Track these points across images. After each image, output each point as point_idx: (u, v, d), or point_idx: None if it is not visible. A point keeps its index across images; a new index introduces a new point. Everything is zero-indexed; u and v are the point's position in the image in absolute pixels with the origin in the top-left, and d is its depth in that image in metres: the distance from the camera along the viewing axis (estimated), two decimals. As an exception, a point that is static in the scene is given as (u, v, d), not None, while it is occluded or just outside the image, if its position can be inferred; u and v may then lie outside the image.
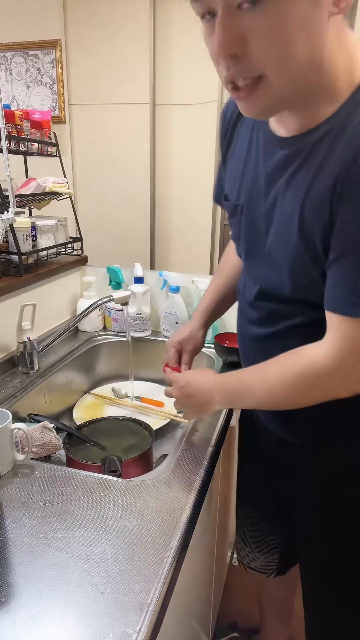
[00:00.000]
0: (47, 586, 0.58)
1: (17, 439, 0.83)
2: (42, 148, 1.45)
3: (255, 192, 0.74)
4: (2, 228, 1.18)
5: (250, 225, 0.77)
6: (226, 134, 0.81)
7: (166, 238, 2.25)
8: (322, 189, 0.61)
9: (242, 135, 0.77)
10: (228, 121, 0.80)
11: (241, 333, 0.90)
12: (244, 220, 0.78)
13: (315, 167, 0.62)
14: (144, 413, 1.30)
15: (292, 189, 0.66)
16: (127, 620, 0.54)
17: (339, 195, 0.59)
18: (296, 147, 0.65)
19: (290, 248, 0.68)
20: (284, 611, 1.35)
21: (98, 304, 1.32)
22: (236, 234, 0.82)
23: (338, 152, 0.59)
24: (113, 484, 0.79)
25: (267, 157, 0.70)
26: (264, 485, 1.07)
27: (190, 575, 0.86)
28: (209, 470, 0.84)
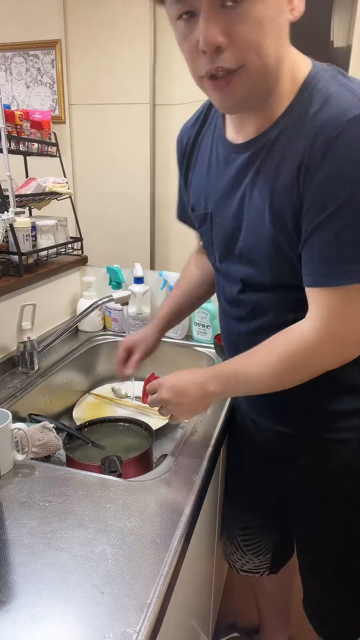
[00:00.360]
0: (47, 586, 0.58)
1: (17, 439, 0.83)
2: (42, 148, 1.45)
3: (221, 197, 0.78)
4: (2, 228, 1.18)
5: (221, 229, 0.81)
6: (184, 157, 0.87)
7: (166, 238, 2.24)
8: (287, 176, 0.66)
9: (202, 153, 0.82)
10: (185, 146, 0.86)
11: (227, 332, 0.91)
12: (214, 227, 0.82)
13: (277, 160, 0.68)
14: (144, 413, 1.30)
15: (259, 185, 0.71)
16: (127, 620, 0.54)
17: (304, 177, 0.64)
18: (255, 148, 0.71)
19: (265, 239, 0.72)
20: (283, 611, 1.35)
21: (98, 304, 1.32)
22: (208, 241, 0.86)
23: (297, 143, 0.65)
24: (113, 484, 0.79)
25: (229, 164, 0.75)
26: (257, 487, 1.06)
27: (190, 575, 0.86)
28: (209, 470, 0.84)
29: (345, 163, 0.60)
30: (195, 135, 0.84)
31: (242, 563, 1.18)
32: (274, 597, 1.32)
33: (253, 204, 0.73)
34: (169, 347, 1.44)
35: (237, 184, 0.74)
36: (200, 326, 1.43)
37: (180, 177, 0.92)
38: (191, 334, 1.47)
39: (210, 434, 0.95)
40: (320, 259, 0.66)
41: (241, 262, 0.79)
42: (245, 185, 0.73)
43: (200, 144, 0.83)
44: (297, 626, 1.42)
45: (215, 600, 1.35)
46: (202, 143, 0.82)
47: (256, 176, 0.71)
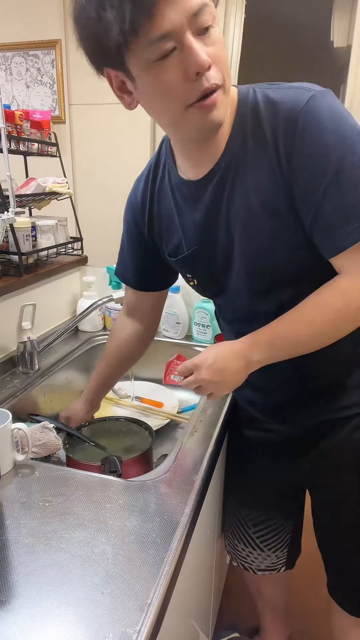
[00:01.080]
0: (47, 586, 0.58)
1: (17, 439, 0.83)
2: (42, 148, 1.45)
3: (203, 230, 0.81)
4: (2, 228, 1.18)
5: (212, 259, 0.83)
6: (144, 217, 0.90)
7: (166, 238, 2.24)
8: (265, 175, 0.71)
9: (164, 204, 0.86)
10: (141, 203, 0.90)
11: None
12: (205, 261, 0.84)
13: (248, 169, 0.72)
14: (144, 413, 1.30)
15: (238, 199, 0.74)
16: (127, 620, 0.54)
17: (286, 165, 0.68)
18: (218, 174, 0.74)
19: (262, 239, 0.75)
20: (281, 612, 1.35)
21: (98, 304, 1.32)
22: (204, 275, 0.87)
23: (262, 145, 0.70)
24: (113, 484, 0.78)
25: (199, 199, 0.78)
26: (268, 479, 1.07)
27: (190, 575, 0.86)
28: (209, 470, 0.84)
29: (322, 127, 0.66)
30: (150, 194, 0.88)
31: (259, 562, 1.18)
32: (273, 598, 1.32)
33: (239, 218, 0.76)
34: (169, 347, 1.44)
35: (214, 211, 0.78)
36: (200, 326, 1.43)
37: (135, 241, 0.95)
38: (191, 334, 1.47)
39: (210, 434, 0.95)
40: (339, 223, 0.68)
41: (246, 277, 0.81)
42: (225, 208, 0.76)
43: (159, 197, 0.86)
44: (297, 626, 1.42)
45: (215, 600, 1.35)
46: (161, 195, 0.86)
47: (231, 195, 0.75)
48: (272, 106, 0.69)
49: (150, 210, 0.89)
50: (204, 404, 1.06)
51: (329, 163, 0.66)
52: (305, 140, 0.66)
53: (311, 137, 0.66)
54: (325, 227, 0.70)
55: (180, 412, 1.30)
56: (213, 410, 1.04)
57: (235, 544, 1.18)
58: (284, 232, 0.73)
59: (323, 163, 0.66)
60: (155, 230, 0.90)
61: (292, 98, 0.68)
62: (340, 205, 0.67)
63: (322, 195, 0.67)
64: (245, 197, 0.74)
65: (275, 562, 1.17)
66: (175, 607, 0.68)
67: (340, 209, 0.67)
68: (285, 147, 0.68)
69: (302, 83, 0.71)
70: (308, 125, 0.66)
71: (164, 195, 0.86)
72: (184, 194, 0.81)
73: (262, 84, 0.74)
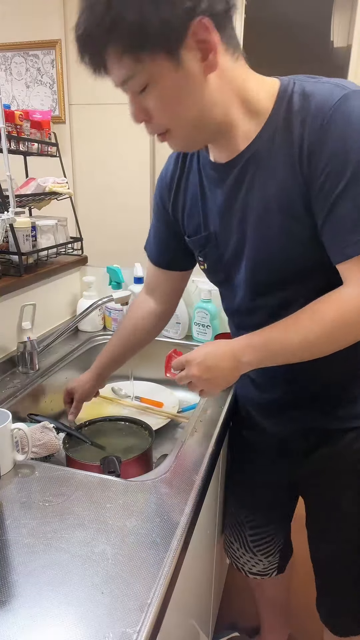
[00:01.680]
0: (47, 586, 0.58)
1: (17, 439, 0.83)
2: (42, 148, 1.45)
3: (221, 214, 0.81)
4: (2, 228, 1.18)
5: (224, 246, 0.84)
6: (170, 194, 0.91)
7: (166, 238, 2.24)
8: (286, 169, 0.70)
9: (191, 184, 0.86)
10: (170, 180, 0.90)
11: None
12: (220, 243, 0.85)
13: (271, 161, 0.72)
14: (144, 413, 1.30)
15: (257, 189, 0.74)
16: (127, 620, 0.54)
17: (307, 162, 0.68)
18: (244, 160, 0.74)
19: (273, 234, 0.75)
20: (281, 611, 1.35)
21: (98, 304, 1.32)
22: (215, 259, 0.88)
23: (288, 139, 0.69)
24: (113, 484, 0.78)
25: (222, 182, 0.79)
26: (268, 483, 1.07)
27: (190, 575, 0.86)
28: (209, 470, 0.84)
29: (349, 129, 0.64)
30: (179, 173, 0.88)
31: (252, 565, 1.18)
32: (273, 598, 1.32)
33: (254, 209, 0.75)
34: (169, 347, 1.44)
35: (234, 197, 0.78)
36: (200, 326, 1.43)
37: (160, 219, 0.96)
38: (191, 334, 1.47)
39: (210, 434, 0.95)
40: (350, 229, 0.67)
41: (250, 268, 0.81)
42: (243, 195, 0.76)
43: (188, 177, 0.87)
44: (297, 626, 1.42)
45: (215, 600, 1.35)
46: (190, 176, 0.86)
47: (251, 184, 0.75)
48: (305, 100, 0.68)
49: (177, 189, 0.89)
50: (204, 403, 1.06)
51: (348, 166, 0.64)
52: (329, 140, 0.65)
53: (335, 137, 0.65)
54: (335, 232, 0.69)
55: (180, 412, 1.30)
56: (213, 410, 1.04)
57: (232, 541, 1.19)
58: (295, 230, 0.73)
59: (342, 165, 0.65)
60: (179, 209, 0.90)
61: (325, 93, 0.66)
62: (353, 211, 0.66)
63: (337, 198, 0.66)
64: (263, 189, 0.73)
65: (267, 567, 1.18)
66: (175, 607, 0.68)
67: (353, 215, 0.66)
68: (309, 144, 0.67)
69: (340, 80, 0.69)
70: (334, 124, 0.65)
71: (191, 175, 0.86)
72: (210, 175, 0.81)
73: (302, 76, 0.73)
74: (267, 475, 1.06)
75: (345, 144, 0.64)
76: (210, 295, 1.39)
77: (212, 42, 0.62)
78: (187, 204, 0.88)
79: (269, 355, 0.77)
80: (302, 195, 0.70)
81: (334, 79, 0.69)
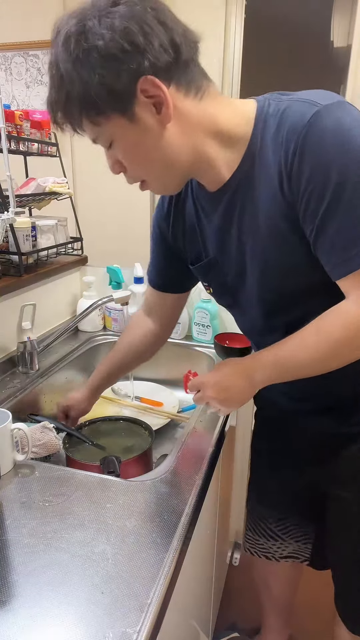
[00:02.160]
0: (47, 586, 0.58)
1: (17, 439, 0.83)
2: (42, 148, 1.45)
3: (218, 239, 0.83)
4: (2, 228, 1.18)
5: (225, 271, 0.85)
6: (167, 218, 0.92)
7: (166, 238, 2.24)
8: (270, 193, 0.70)
9: (187, 213, 0.88)
10: (167, 211, 0.91)
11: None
12: (222, 267, 0.85)
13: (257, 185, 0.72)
14: (144, 413, 1.30)
15: (248, 214, 0.75)
16: (127, 620, 0.54)
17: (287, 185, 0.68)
18: (233, 186, 0.75)
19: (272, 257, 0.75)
20: (285, 610, 1.35)
21: (98, 304, 1.32)
22: (220, 283, 0.89)
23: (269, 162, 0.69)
24: (113, 484, 0.78)
25: (215, 210, 0.80)
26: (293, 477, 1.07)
27: (190, 575, 0.86)
28: (209, 470, 0.84)
29: (322, 150, 0.63)
30: (175, 202, 0.89)
31: (282, 549, 1.18)
32: (279, 595, 1.32)
33: (249, 235, 0.76)
34: (169, 347, 1.44)
35: (228, 222, 0.79)
36: (200, 326, 1.43)
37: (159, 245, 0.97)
38: (191, 334, 1.47)
39: (211, 434, 0.95)
40: (342, 245, 0.67)
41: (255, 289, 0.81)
42: (237, 220, 0.77)
43: (184, 206, 0.88)
44: (298, 626, 1.42)
45: (215, 600, 1.35)
46: (186, 205, 0.88)
47: (242, 210, 0.76)
48: (279, 122, 0.68)
49: (175, 218, 0.90)
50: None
51: (328, 186, 0.64)
52: (304, 162, 0.65)
53: (310, 159, 0.64)
54: (328, 251, 0.68)
55: (180, 412, 1.30)
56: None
57: (256, 539, 1.19)
58: (288, 253, 0.73)
59: (322, 186, 0.64)
60: (180, 237, 0.92)
61: (297, 114, 0.66)
62: (340, 230, 0.65)
63: (322, 218, 0.66)
64: (253, 216, 0.74)
65: (297, 550, 1.17)
66: (175, 607, 0.68)
67: (341, 234, 0.66)
68: (286, 168, 0.67)
69: (313, 93, 0.68)
70: (307, 147, 0.64)
71: (187, 204, 0.87)
72: (203, 203, 0.83)
73: (276, 94, 0.72)
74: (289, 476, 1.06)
75: (321, 164, 0.64)
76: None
77: (161, 96, 0.64)
78: (187, 232, 0.89)
79: (281, 372, 0.79)
80: (288, 219, 0.70)
81: (306, 94, 0.68)
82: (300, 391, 0.93)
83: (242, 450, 1.48)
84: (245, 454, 1.47)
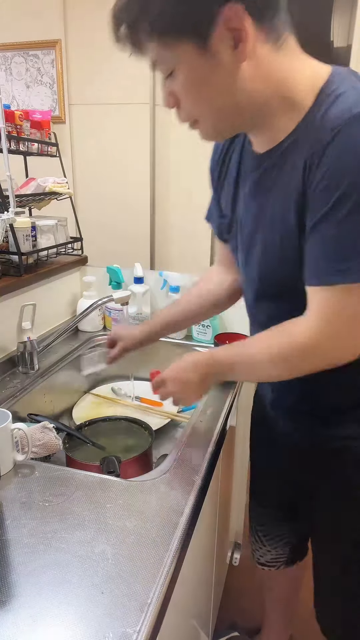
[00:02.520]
0: (47, 586, 0.58)
1: (17, 439, 0.83)
2: (42, 148, 1.45)
3: (245, 203, 0.81)
4: (2, 228, 1.18)
5: (244, 232, 0.83)
6: (218, 163, 0.89)
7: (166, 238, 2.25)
8: (295, 178, 0.68)
9: (233, 161, 0.85)
10: (220, 152, 0.88)
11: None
12: (239, 230, 0.84)
13: (290, 165, 0.69)
14: (144, 413, 1.30)
15: (275, 190, 0.73)
16: (127, 620, 0.54)
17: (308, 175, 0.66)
18: (273, 156, 0.72)
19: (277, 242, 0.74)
20: (287, 609, 1.35)
21: (98, 304, 1.32)
22: (234, 245, 0.89)
23: (305, 145, 0.66)
24: (113, 484, 0.78)
25: (253, 172, 0.78)
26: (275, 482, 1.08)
27: (190, 575, 0.86)
28: (209, 470, 0.84)
29: (345, 155, 0.61)
30: (227, 150, 0.87)
31: (261, 554, 1.20)
32: (282, 594, 1.32)
33: (268, 210, 0.75)
34: (169, 347, 1.44)
35: (257, 190, 0.77)
36: (200, 326, 1.43)
37: (212, 185, 0.94)
38: (191, 334, 1.47)
39: (210, 434, 0.95)
40: (319, 255, 0.66)
41: (256, 266, 0.80)
42: (264, 192, 0.75)
43: (231, 155, 0.86)
44: (299, 627, 1.42)
45: (215, 600, 1.35)
46: (233, 155, 0.85)
47: (273, 183, 0.73)
48: (329, 108, 0.64)
49: (223, 163, 0.88)
50: (204, 403, 1.06)
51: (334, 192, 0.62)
52: (324, 160, 0.62)
53: (330, 160, 0.62)
54: (309, 255, 0.68)
55: (180, 412, 1.30)
56: (213, 410, 1.04)
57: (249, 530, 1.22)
58: (288, 243, 0.72)
59: (331, 189, 0.62)
60: (220, 186, 0.90)
61: (344, 107, 0.62)
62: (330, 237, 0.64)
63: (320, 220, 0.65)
64: (278, 193, 0.72)
65: (275, 557, 1.18)
66: (175, 607, 0.68)
67: (325, 246, 0.65)
68: (311, 158, 0.64)
69: None
70: (333, 146, 0.61)
71: (234, 157, 0.85)
72: (246, 162, 0.81)
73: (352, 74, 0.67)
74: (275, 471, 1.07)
75: (339, 168, 0.62)
76: (210, 295, 1.39)
77: (243, 31, 0.59)
78: (226, 183, 0.87)
79: (234, 370, 0.83)
80: (297, 208, 0.69)
81: None
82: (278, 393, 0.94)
83: (242, 450, 1.48)
84: (245, 454, 1.47)
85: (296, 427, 0.93)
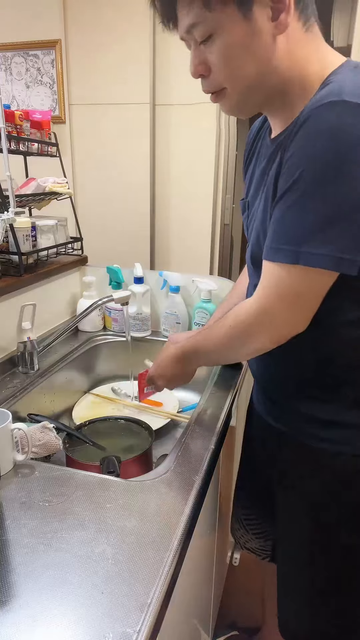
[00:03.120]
0: (47, 586, 0.58)
1: (17, 439, 0.83)
2: (42, 148, 1.45)
3: (255, 187, 0.84)
4: (2, 228, 1.18)
5: (252, 216, 0.86)
6: (250, 147, 0.92)
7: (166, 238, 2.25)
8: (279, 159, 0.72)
9: (258, 146, 0.89)
10: (251, 136, 0.92)
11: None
12: (250, 214, 0.88)
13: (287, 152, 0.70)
14: (144, 413, 1.30)
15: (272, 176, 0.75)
16: (127, 620, 0.54)
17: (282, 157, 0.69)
18: (278, 142, 0.75)
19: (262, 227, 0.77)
20: None
21: (98, 304, 1.32)
22: (245, 227, 0.92)
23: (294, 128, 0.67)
24: (113, 484, 0.78)
25: (264, 157, 0.81)
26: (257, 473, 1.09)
27: (190, 575, 0.86)
28: (209, 470, 0.84)
29: (307, 141, 0.63)
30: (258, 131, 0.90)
31: (245, 540, 1.20)
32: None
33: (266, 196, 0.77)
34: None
35: (264, 175, 0.80)
36: (200, 326, 1.43)
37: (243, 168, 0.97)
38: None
39: (211, 434, 0.95)
40: (270, 232, 0.70)
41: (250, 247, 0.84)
42: (268, 176, 0.77)
43: (261, 138, 0.88)
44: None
45: (215, 600, 1.35)
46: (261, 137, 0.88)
47: (277, 168, 0.74)
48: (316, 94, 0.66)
49: (251, 148, 0.91)
50: (204, 403, 1.06)
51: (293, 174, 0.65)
52: (294, 142, 0.66)
53: (297, 145, 0.65)
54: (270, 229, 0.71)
55: (180, 412, 1.30)
56: (213, 410, 1.04)
57: (233, 522, 1.22)
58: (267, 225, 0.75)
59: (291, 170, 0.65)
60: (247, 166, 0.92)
61: (325, 93, 0.64)
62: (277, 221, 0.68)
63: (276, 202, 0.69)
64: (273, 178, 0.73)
65: (260, 546, 1.18)
66: (175, 607, 0.68)
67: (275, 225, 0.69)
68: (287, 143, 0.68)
69: None
70: (303, 129, 0.64)
71: (259, 139, 0.88)
72: (264, 146, 0.84)
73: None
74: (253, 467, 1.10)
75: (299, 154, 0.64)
76: (210, 295, 1.39)
77: (285, 2, 0.62)
78: (252, 164, 0.90)
79: (197, 358, 0.94)
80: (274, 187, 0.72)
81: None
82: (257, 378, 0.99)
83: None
84: (245, 454, 1.47)
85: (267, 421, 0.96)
